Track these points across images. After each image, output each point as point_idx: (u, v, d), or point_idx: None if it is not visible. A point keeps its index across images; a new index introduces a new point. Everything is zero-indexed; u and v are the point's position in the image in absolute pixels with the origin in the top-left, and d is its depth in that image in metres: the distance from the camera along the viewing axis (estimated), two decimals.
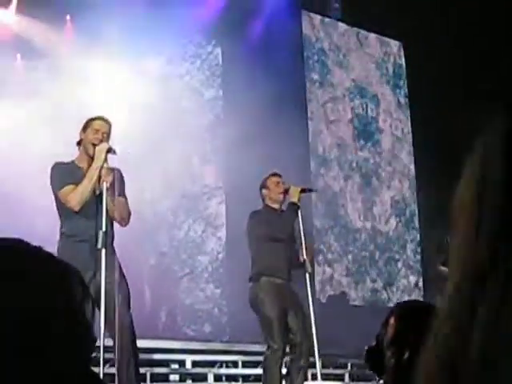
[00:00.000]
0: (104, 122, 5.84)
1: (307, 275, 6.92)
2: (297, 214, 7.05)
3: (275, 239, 6.96)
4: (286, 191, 7.18)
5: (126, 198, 5.89)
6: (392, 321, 2.34)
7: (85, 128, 5.79)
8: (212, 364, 8.09)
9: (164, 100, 10.61)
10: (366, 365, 2.44)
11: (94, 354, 5.09)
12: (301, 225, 7.07)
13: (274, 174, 7.33)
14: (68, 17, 10.65)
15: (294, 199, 7.08)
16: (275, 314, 6.60)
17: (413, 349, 2.18)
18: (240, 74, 10.37)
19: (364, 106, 12.43)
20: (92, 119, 5.85)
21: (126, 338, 5.50)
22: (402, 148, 12.73)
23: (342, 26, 12.35)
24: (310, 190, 8.03)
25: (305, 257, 7.02)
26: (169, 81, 10.95)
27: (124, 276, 5.73)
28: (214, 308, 10.61)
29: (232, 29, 10.87)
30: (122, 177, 5.86)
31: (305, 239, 7.06)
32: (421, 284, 12.31)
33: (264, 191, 7.25)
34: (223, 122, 11.16)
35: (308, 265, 7.01)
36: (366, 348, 2.43)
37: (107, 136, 5.78)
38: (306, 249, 7.04)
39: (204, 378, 7.92)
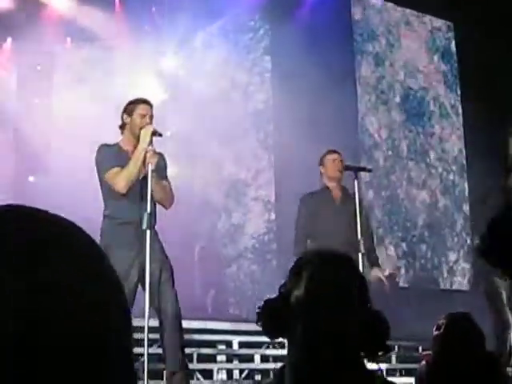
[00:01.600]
0: (148, 105, 5.87)
1: (360, 255, 6.74)
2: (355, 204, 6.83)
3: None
4: (345, 168, 7.09)
5: (169, 182, 5.93)
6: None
7: (129, 112, 5.82)
8: (259, 345, 8.12)
9: (213, 82, 10.66)
10: None
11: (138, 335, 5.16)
12: (357, 205, 6.88)
13: (332, 151, 7.24)
14: None
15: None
16: None
17: None
18: (289, 56, 10.36)
19: (414, 87, 12.31)
20: (134, 102, 5.86)
21: (170, 312, 5.58)
22: (452, 132, 12.59)
23: (391, 5, 12.22)
24: (369, 170, 7.96)
25: (359, 237, 6.89)
26: (217, 62, 10.98)
27: (167, 257, 5.79)
28: (262, 289, 10.64)
29: (281, 11, 10.84)
30: (164, 160, 5.90)
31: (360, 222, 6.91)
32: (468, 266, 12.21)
33: (321, 169, 7.16)
34: (273, 105, 11.15)
35: (361, 245, 6.86)
36: None
37: (151, 118, 5.83)
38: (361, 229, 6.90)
39: (251, 358, 7.95)
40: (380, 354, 1.95)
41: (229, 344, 7.95)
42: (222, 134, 10.77)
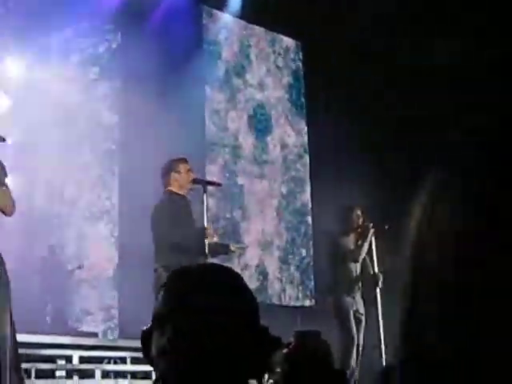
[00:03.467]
0: None
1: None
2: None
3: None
4: (194, 181, 7.09)
5: (7, 187, 5.68)
6: None
7: None
8: (100, 360, 7.94)
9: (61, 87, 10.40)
10: None
11: None
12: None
13: (185, 160, 7.21)
14: None
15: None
16: None
17: None
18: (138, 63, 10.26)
19: (260, 104, 12.42)
20: None
21: (6, 333, 5.32)
22: (298, 152, 12.76)
23: (242, 22, 12.31)
24: (218, 184, 8.02)
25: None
26: (67, 67, 10.72)
27: (5, 268, 5.53)
28: (104, 303, 10.43)
29: (132, 18, 10.70)
30: (2, 166, 5.64)
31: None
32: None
33: (174, 174, 7.11)
34: (120, 110, 10.97)
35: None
36: None
37: None
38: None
39: (91, 374, 7.76)
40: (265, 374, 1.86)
41: (69, 359, 7.72)
42: (66, 143, 10.51)
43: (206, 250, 6.78)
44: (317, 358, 3.69)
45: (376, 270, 8.29)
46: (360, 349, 8.01)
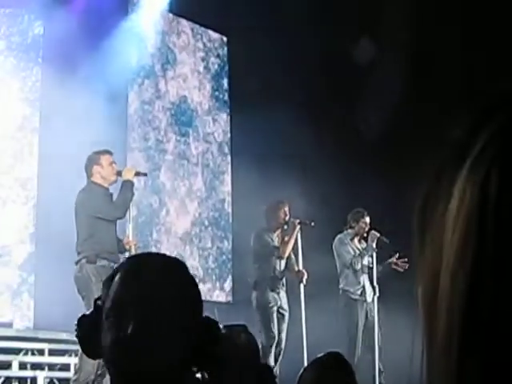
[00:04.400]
0: None
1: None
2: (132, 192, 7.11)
3: (107, 219, 6.93)
4: (118, 173, 7.12)
5: None
6: None
7: None
8: (17, 351, 7.81)
9: None
10: None
11: None
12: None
13: (108, 152, 7.21)
14: None
15: (130, 178, 7.09)
16: None
17: None
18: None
19: (183, 100, 12.36)
20: None
21: None
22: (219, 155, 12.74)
23: (169, 15, 12.22)
24: (144, 174, 8.01)
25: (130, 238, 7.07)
26: None
27: None
28: (19, 293, 10.24)
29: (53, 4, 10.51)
30: None
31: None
32: None
33: (96, 168, 7.06)
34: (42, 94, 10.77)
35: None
36: None
37: None
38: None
39: (8, 365, 7.63)
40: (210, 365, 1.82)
41: None
42: None
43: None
44: (248, 351, 3.71)
45: (301, 267, 8.37)
46: (282, 345, 8.08)
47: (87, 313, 1.82)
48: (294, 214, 8.59)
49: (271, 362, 7.72)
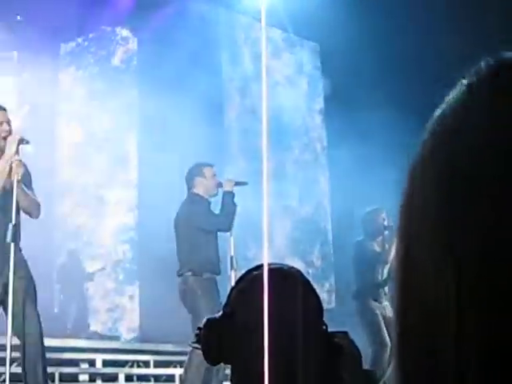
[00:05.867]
0: (1, 110, 5.60)
1: (233, 272, 6.81)
2: (234, 204, 7.08)
3: (211, 231, 6.92)
4: (219, 185, 7.15)
5: (33, 191, 5.70)
6: None
7: None
8: (123, 364, 7.92)
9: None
10: None
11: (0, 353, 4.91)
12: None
13: (209, 164, 7.24)
14: None
15: (229, 189, 7.09)
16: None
17: None
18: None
19: (279, 108, 12.35)
20: None
21: (32, 337, 5.31)
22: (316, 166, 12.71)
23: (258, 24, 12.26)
24: (245, 183, 7.84)
25: (232, 253, 6.98)
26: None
27: (30, 273, 5.52)
28: (126, 306, 10.42)
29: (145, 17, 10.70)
30: (27, 168, 5.64)
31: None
32: None
33: (199, 179, 7.12)
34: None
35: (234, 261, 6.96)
36: None
37: (7, 124, 5.56)
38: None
39: (115, 377, 7.75)
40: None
41: (92, 363, 7.72)
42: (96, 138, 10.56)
43: None
44: (352, 358, 3.65)
45: None
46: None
47: (213, 317, 1.82)
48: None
49: (383, 366, 7.54)
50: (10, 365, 5.23)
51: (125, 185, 10.90)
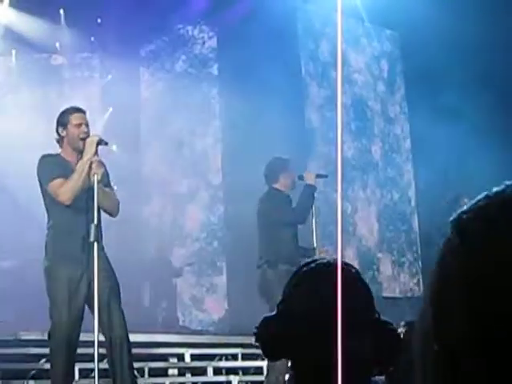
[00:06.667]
0: (81, 113, 5.72)
1: None
2: (314, 197, 7.08)
3: (289, 224, 6.94)
4: (300, 177, 7.22)
5: (112, 189, 5.82)
6: None
7: (64, 124, 5.64)
8: (211, 357, 8.01)
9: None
10: None
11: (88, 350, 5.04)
12: (314, 210, 7.09)
13: (288, 160, 7.31)
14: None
15: (311, 182, 7.10)
16: None
17: None
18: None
19: (359, 100, 12.27)
20: (66, 112, 5.67)
21: (117, 333, 5.43)
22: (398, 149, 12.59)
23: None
24: (325, 176, 7.76)
25: (315, 244, 6.98)
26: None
27: (114, 272, 5.64)
28: (214, 300, 10.54)
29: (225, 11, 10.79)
30: (105, 168, 5.75)
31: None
32: None
33: (282, 175, 7.18)
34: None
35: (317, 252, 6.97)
36: None
37: (85, 125, 5.68)
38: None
39: (203, 371, 7.84)
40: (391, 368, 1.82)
41: (180, 357, 7.83)
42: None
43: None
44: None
45: None
46: None
47: (269, 315, 1.86)
48: None
49: None
50: (99, 361, 5.35)
51: (209, 182, 11.02)
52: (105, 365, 5.76)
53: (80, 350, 5.60)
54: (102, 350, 5.44)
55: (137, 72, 11.29)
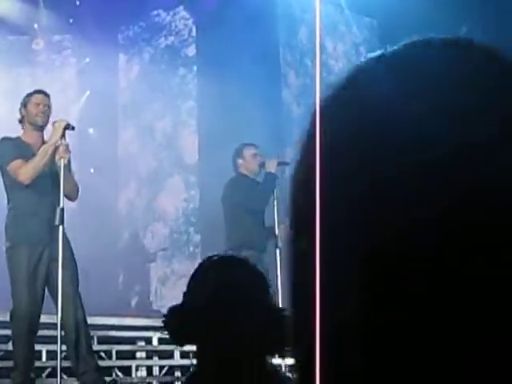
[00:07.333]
0: (42, 94, 5.83)
1: (278, 250, 6.87)
2: (274, 184, 7.06)
3: (252, 209, 7.00)
4: (262, 165, 7.23)
5: (70, 173, 5.88)
6: None
7: (24, 104, 5.78)
8: None
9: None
10: None
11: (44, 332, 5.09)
12: (275, 197, 7.07)
13: (251, 145, 7.33)
14: None
15: (272, 170, 7.12)
16: None
17: None
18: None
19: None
20: (29, 94, 5.82)
21: (73, 317, 5.49)
22: None
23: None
24: (286, 163, 7.58)
25: (276, 221, 7.01)
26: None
27: (73, 255, 5.70)
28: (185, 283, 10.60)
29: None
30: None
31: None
32: None
33: (240, 161, 7.24)
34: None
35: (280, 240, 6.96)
36: None
37: (49, 109, 5.77)
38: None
39: (170, 354, 7.89)
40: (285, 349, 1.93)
41: (148, 340, 7.88)
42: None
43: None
44: None
45: None
46: None
47: (174, 305, 2.07)
48: None
49: None
50: (61, 344, 5.42)
51: (185, 166, 11.04)
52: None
53: (47, 332, 5.66)
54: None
55: (115, 56, 11.29)
